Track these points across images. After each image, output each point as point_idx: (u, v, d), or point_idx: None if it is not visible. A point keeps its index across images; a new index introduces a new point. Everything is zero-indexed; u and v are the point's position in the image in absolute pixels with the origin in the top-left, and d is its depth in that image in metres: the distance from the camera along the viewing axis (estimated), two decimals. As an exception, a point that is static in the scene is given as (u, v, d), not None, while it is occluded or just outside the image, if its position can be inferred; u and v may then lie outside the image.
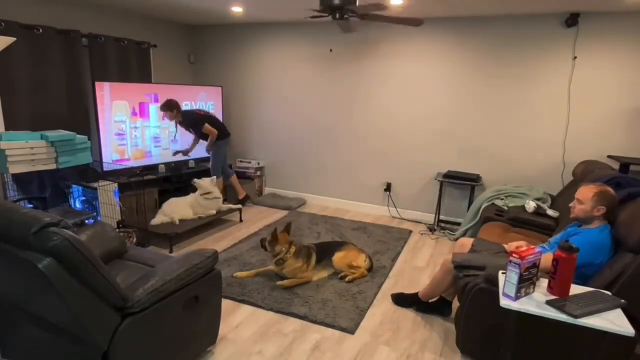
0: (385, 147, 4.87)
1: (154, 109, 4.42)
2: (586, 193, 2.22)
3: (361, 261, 3.32)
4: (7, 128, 3.51)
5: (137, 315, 1.71)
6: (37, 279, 1.47)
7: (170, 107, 4.25)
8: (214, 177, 4.36)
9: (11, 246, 1.52)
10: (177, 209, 3.92)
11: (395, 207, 4.97)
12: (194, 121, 4.46)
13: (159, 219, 3.85)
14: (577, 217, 2.27)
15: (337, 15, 2.89)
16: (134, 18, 4.72)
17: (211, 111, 4.89)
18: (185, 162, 4.90)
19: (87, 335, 1.57)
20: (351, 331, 2.57)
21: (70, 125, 3.94)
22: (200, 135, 4.54)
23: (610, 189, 2.22)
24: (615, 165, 3.67)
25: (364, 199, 5.13)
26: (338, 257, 3.27)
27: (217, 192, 4.20)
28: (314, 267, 3.19)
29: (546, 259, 2.01)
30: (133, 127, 4.24)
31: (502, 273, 1.87)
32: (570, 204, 2.32)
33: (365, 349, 2.43)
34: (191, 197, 4.10)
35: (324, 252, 3.29)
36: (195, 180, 4.13)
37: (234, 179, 4.83)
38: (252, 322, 2.65)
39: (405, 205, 4.93)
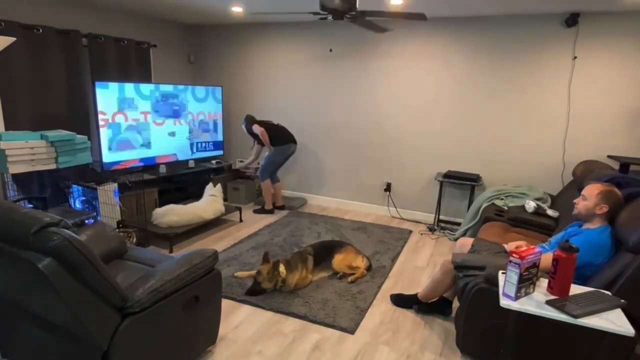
0: (385, 147, 4.87)
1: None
2: (592, 190, 2.23)
3: (360, 262, 3.32)
4: (7, 128, 3.52)
5: (137, 315, 1.71)
6: (37, 279, 1.47)
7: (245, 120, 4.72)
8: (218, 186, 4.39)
9: (11, 246, 1.52)
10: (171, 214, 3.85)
11: (395, 207, 4.97)
12: (249, 125, 4.64)
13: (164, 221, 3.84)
14: (579, 213, 2.27)
15: (337, 15, 2.89)
16: (134, 18, 4.72)
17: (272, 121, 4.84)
18: (185, 162, 4.90)
19: (87, 335, 1.57)
20: (351, 331, 2.57)
21: (70, 125, 3.94)
22: (258, 141, 4.76)
23: (617, 191, 2.22)
24: (615, 165, 3.67)
25: (364, 199, 5.13)
26: (338, 260, 3.27)
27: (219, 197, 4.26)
28: (313, 271, 3.18)
29: (546, 259, 2.01)
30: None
31: (502, 273, 1.87)
32: (575, 200, 2.32)
33: (365, 349, 2.43)
34: (198, 203, 4.09)
35: (322, 254, 3.28)
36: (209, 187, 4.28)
37: (277, 186, 4.95)
38: (252, 322, 2.65)
39: (405, 205, 4.93)
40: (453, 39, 4.30)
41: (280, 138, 4.67)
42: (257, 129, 4.55)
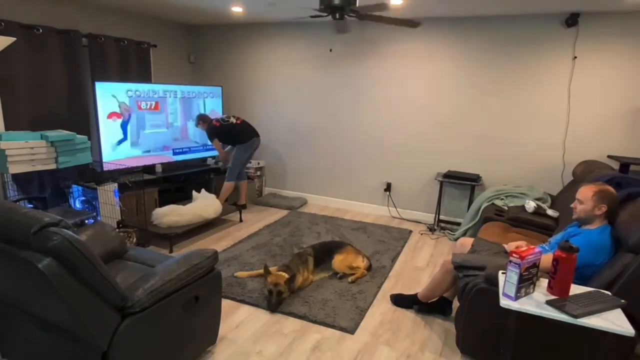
0: (385, 147, 4.87)
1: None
2: (586, 193, 2.22)
3: (360, 262, 3.32)
4: (7, 128, 3.52)
5: (137, 315, 1.71)
6: (37, 279, 1.47)
7: (199, 121, 4.66)
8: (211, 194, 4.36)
9: (11, 246, 1.52)
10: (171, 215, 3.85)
11: (395, 207, 4.97)
12: (208, 133, 4.57)
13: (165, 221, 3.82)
14: (579, 218, 2.27)
15: (337, 15, 2.89)
16: (134, 18, 4.72)
17: (231, 116, 4.68)
18: (185, 162, 4.89)
19: (87, 335, 1.57)
20: (351, 331, 2.57)
21: (70, 125, 3.94)
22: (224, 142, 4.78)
23: (609, 187, 2.22)
24: (615, 165, 3.67)
25: (364, 199, 5.13)
26: (338, 260, 3.27)
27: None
28: (313, 271, 3.18)
29: (546, 259, 2.02)
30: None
31: (502, 273, 1.87)
32: (572, 205, 2.32)
33: (365, 349, 2.43)
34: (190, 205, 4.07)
35: (322, 254, 3.28)
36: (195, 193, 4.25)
37: (243, 184, 4.85)
38: (252, 322, 2.65)
39: (405, 205, 4.93)
40: (453, 39, 4.30)
41: (243, 136, 4.55)
42: (215, 145, 4.62)
